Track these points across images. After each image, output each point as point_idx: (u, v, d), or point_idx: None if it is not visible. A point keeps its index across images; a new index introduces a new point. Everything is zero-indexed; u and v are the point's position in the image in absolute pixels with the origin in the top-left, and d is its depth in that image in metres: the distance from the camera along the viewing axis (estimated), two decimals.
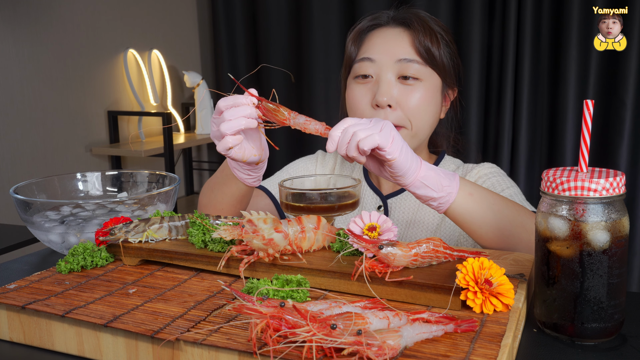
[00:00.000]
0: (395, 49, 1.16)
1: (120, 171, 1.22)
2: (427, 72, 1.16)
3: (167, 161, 2.90)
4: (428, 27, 1.17)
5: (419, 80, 1.16)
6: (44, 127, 2.64)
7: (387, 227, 0.85)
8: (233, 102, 0.92)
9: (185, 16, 3.45)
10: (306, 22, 3.10)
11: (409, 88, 1.15)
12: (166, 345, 0.65)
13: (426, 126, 1.19)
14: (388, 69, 1.15)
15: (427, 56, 1.16)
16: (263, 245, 0.79)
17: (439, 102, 1.21)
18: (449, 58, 1.21)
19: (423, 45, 1.16)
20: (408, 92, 1.15)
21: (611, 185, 0.68)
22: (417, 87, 1.16)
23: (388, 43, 1.17)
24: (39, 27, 2.58)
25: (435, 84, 1.19)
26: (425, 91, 1.16)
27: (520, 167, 2.72)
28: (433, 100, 1.18)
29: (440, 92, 1.21)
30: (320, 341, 0.57)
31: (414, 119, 1.16)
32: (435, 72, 1.18)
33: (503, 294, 0.69)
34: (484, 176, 1.22)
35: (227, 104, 0.93)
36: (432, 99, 1.18)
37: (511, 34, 2.63)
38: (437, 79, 1.19)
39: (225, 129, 0.91)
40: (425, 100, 1.16)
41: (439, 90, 1.20)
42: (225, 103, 0.93)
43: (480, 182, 1.21)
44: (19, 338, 0.75)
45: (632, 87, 2.47)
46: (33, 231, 1.03)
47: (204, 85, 3.22)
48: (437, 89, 1.19)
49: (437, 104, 1.20)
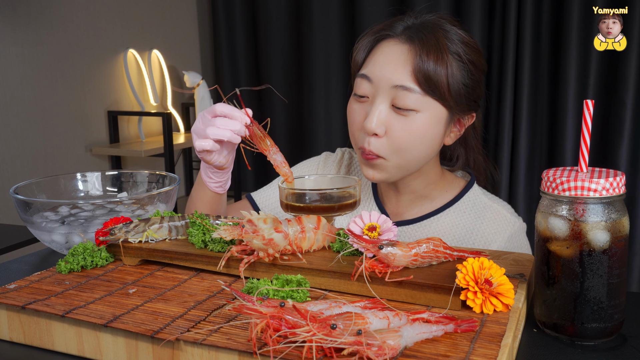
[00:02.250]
0: (393, 73, 1.03)
1: (120, 171, 1.22)
2: (426, 102, 1.03)
3: (167, 161, 2.90)
4: (436, 49, 1.03)
5: (415, 111, 1.03)
6: (44, 127, 2.64)
7: (387, 227, 0.85)
8: (228, 113, 0.99)
9: (185, 16, 3.45)
10: (306, 22, 3.10)
11: (401, 119, 1.04)
12: (166, 345, 0.65)
13: (416, 160, 1.07)
14: (383, 94, 1.04)
15: (427, 85, 1.02)
16: (263, 245, 0.79)
17: (439, 133, 1.07)
18: (463, 81, 1.06)
19: (423, 70, 1.02)
20: (399, 122, 1.04)
21: (611, 185, 0.68)
22: (410, 120, 1.03)
23: (389, 64, 1.04)
24: (39, 27, 2.58)
25: (436, 114, 1.05)
26: (420, 124, 1.04)
27: (520, 167, 2.72)
28: (429, 132, 1.05)
29: (443, 123, 1.07)
30: (320, 341, 0.57)
31: (399, 153, 1.05)
32: (438, 101, 1.04)
33: (503, 294, 0.69)
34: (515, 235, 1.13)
35: (223, 111, 0.99)
36: (427, 131, 1.05)
37: (511, 34, 2.63)
38: (439, 109, 1.05)
39: (210, 133, 0.98)
40: (417, 134, 1.04)
41: (442, 121, 1.06)
42: (222, 109, 0.99)
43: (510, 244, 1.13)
44: (19, 338, 0.75)
45: (632, 87, 2.47)
46: (35, 231, 1.03)
47: (204, 85, 3.23)
48: (439, 120, 1.06)
49: (435, 136, 1.06)
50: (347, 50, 3.07)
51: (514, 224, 1.14)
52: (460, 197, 1.17)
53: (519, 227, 1.14)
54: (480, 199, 1.17)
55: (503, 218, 1.14)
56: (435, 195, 1.18)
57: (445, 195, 1.19)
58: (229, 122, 0.99)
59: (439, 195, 1.18)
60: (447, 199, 1.18)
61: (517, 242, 1.14)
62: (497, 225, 1.14)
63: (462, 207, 1.17)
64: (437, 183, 1.18)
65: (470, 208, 1.17)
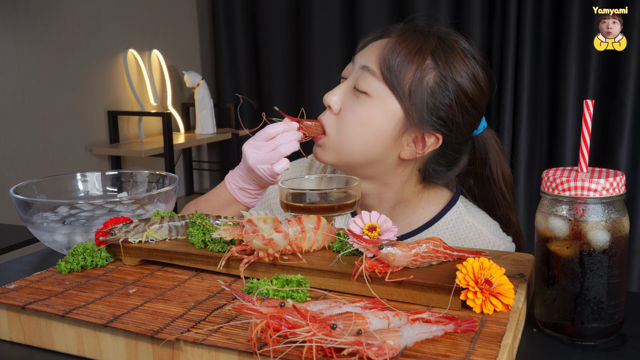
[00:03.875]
0: (367, 56, 1.04)
1: (120, 171, 1.22)
2: (382, 91, 1.00)
3: (167, 161, 2.90)
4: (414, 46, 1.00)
5: (368, 95, 1.01)
6: (44, 127, 2.64)
7: (387, 227, 0.85)
8: (283, 129, 1.03)
9: (185, 16, 3.45)
10: (306, 22, 3.10)
11: (354, 100, 1.03)
12: (166, 345, 0.65)
13: (354, 147, 1.03)
14: (353, 74, 1.06)
15: (388, 72, 0.99)
16: (263, 245, 0.79)
17: (386, 129, 1.01)
18: (431, 99, 0.99)
19: (389, 58, 0.99)
20: (351, 103, 1.03)
21: (611, 185, 0.68)
22: (361, 102, 1.02)
23: (370, 49, 1.06)
24: (39, 27, 2.58)
25: (388, 109, 1.00)
26: (368, 110, 1.01)
27: (520, 167, 2.72)
28: (374, 123, 1.01)
29: (395, 122, 1.01)
30: (320, 341, 0.57)
31: (339, 134, 1.04)
32: (395, 95, 1.00)
33: (503, 294, 0.69)
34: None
35: (278, 130, 1.03)
36: (372, 120, 1.01)
37: (511, 34, 2.63)
38: (394, 105, 1.00)
39: (284, 151, 1.02)
40: (361, 119, 1.01)
41: (394, 120, 1.01)
42: (276, 129, 1.03)
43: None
44: (19, 338, 0.75)
45: (632, 87, 2.47)
46: (35, 232, 1.03)
47: (204, 85, 3.23)
48: (390, 116, 1.01)
49: (380, 130, 1.01)
50: (347, 50, 3.07)
51: (498, 248, 1.07)
52: (441, 216, 1.11)
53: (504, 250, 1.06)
54: (463, 217, 1.09)
55: (486, 241, 1.08)
56: (409, 214, 1.12)
57: (422, 214, 1.12)
58: (290, 134, 1.03)
59: (413, 214, 1.12)
60: (425, 218, 1.11)
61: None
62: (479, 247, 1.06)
63: (442, 227, 1.10)
64: (410, 203, 1.12)
65: (451, 228, 1.09)
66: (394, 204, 1.12)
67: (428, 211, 1.12)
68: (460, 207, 1.11)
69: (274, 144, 1.02)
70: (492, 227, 1.10)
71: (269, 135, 1.03)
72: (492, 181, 1.13)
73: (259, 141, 1.03)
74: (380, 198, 1.12)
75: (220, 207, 1.12)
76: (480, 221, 1.10)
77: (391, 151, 1.04)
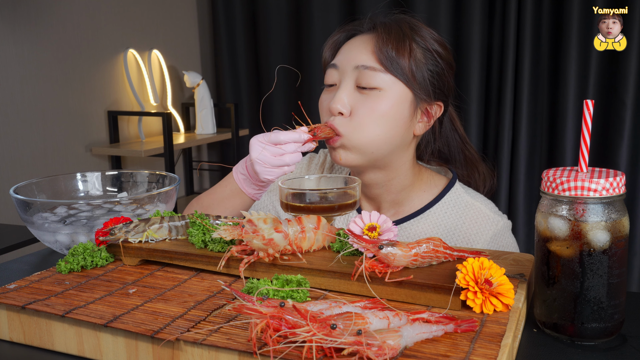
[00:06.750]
0: (356, 55, 1.08)
1: (120, 171, 1.22)
2: (389, 81, 1.06)
3: (167, 161, 2.90)
4: (398, 33, 1.07)
5: (378, 89, 1.06)
6: (44, 127, 2.64)
7: (387, 227, 0.85)
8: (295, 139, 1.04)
9: (185, 16, 3.45)
10: (306, 22, 3.10)
11: (365, 98, 1.06)
12: (166, 345, 0.65)
13: (380, 140, 1.07)
14: (348, 77, 1.08)
15: (389, 63, 1.05)
16: (263, 245, 0.79)
17: (403, 114, 1.08)
18: (428, 66, 1.09)
19: (384, 50, 1.05)
20: (363, 101, 1.06)
21: (611, 185, 0.68)
22: (373, 97, 1.06)
23: (353, 50, 1.10)
24: (39, 27, 2.58)
25: (400, 94, 1.07)
26: (383, 102, 1.06)
27: (520, 167, 2.72)
28: (392, 112, 1.07)
29: (408, 105, 1.08)
30: (320, 341, 0.57)
31: (361, 131, 1.06)
32: (401, 81, 1.06)
33: (503, 294, 0.69)
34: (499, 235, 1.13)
35: (288, 138, 1.04)
36: (390, 110, 1.06)
37: (511, 34, 2.63)
38: (403, 90, 1.07)
39: (290, 160, 1.05)
40: (380, 112, 1.06)
41: (407, 103, 1.08)
42: (286, 138, 1.04)
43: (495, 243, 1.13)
44: (19, 338, 0.75)
45: (632, 87, 2.47)
46: (36, 232, 1.03)
47: (204, 85, 3.23)
48: (403, 100, 1.07)
49: (399, 117, 1.07)
50: None
51: (497, 223, 1.13)
52: (440, 197, 1.17)
53: (502, 226, 1.14)
54: (462, 197, 1.17)
55: (485, 217, 1.14)
56: (413, 197, 1.18)
57: (424, 197, 1.18)
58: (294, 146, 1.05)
59: (416, 197, 1.18)
60: (426, 200, 1.18)
61: (502, 241, 1.13)
62: (480, 224, 1.13)
63: (443, 208, 1.16)
64: (414, 185, 1.18)
65: (451, 208, 1.16)
66: (400, 189, 1.17)
67: (429, 194, 1.19)
68: (458, 188, 1.19)
69: (281, 151, 1.04)
70: (490, 205, 1.18)
71: (277, 140, 1.04)
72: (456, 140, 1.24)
73: (267, 142, 1.05)
74: (388, 186, 1.16)
75: (225, 199, 1.14)
76: (478, 199, 1.18)
77: (408, 132, 1.11)
